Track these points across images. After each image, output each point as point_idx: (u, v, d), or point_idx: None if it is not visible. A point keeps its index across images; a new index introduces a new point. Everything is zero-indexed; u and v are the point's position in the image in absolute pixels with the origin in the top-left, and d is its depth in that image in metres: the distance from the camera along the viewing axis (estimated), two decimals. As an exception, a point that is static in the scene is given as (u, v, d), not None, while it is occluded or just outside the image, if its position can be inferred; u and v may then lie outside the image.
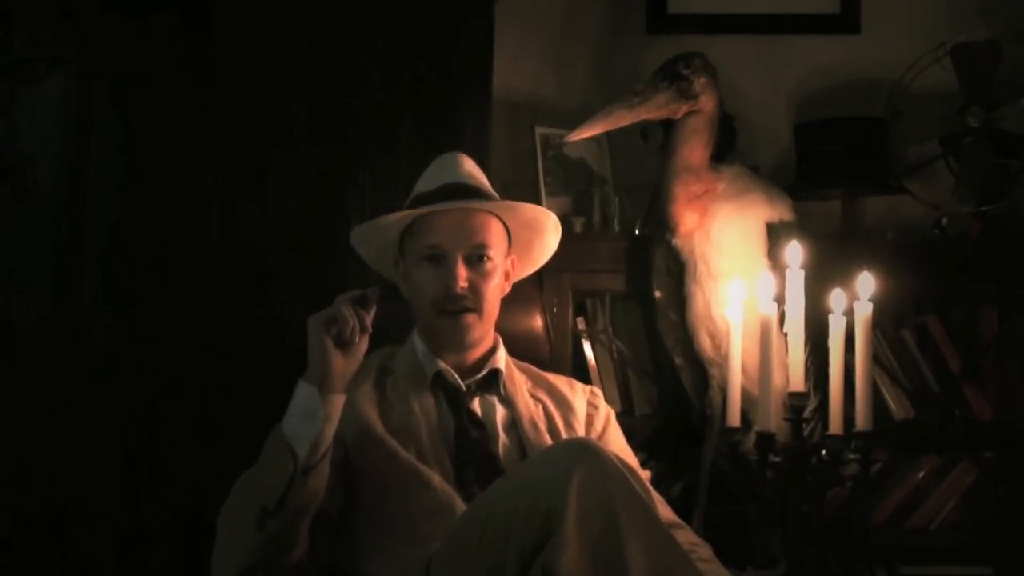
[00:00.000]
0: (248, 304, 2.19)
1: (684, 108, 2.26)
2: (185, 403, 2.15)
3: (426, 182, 1.91)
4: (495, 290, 1.87)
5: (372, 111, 2.24)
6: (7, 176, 2.18)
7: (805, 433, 2.06)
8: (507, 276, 1.92)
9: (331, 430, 1.62)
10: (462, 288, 1.81)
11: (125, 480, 2.14)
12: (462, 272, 1.82)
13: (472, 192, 1.87)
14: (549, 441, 1.83)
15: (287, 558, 1.60)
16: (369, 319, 1.65)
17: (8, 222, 2.18)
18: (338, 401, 1.63)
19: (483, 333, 1.87)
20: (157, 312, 2.17)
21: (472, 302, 1.82)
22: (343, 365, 1.63)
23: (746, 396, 2.11)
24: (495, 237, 1.87)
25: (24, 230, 2.18)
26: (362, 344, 1.65)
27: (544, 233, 1.96)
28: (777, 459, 2.03)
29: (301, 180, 2.22)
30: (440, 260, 1.83)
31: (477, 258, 1.84)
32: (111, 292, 2.18)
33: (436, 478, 1.72)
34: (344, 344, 1.63)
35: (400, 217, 1.85)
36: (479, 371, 1.87)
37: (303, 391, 1.61)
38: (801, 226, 2.27)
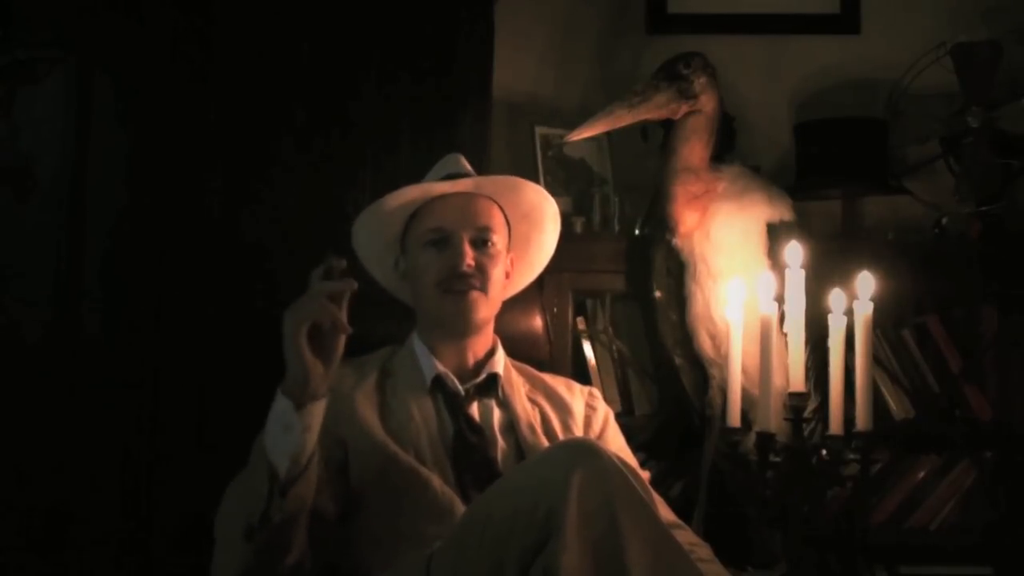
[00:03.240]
0: (248, 304, 2.19)
1: (684, 108, 2.26)
2: (185, 402, 2.15)
3: (429, 177, 1.92)
4: (499, 277, 1.87)
5: (372, 110, 2.24)
6: (7, 176, 2.18)
7: (805, 433, 2.06)
8: (507, 275, 1.92)
9: (312, 440, 1.55)
10: (469, 266, 1.82)
11: (125, 480, 2.14)
12: (468, 251, 1.82)
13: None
14: (546, 445, 1.82)
15: (283, 563, 1.59)
16: (344, 312, 1.53)
17: (8, 222, 2.18)
18: (317, 409, 1.55)
19: (487, 316, 1.87)
20: (157, 312, 2.17)
21: (478, 282, 1.82)
22: (321, 370, 1.54)
23: (746, 396, 2.11)
24: (498, 223, 1.88)
25: (24, 230, 2.18)
26: (340, 343, 1.55)
27: (542, 225, 1.96)
28: (777, 459, 2.03)
29: (301, 179, 2.22)
30: (445, 243, 1.84)
31: (482, 241, 1.85)
32: (111, 292, 2.18)
33: (436, 480, 1.72)
34: (322, 344, 1.53)
35: (407, 200, 1.85)
36: (478, 374, 1.87)
37: (280, 404, 1.54)
38: (801, 226, 2.27)
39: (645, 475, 1.76)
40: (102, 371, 2.15)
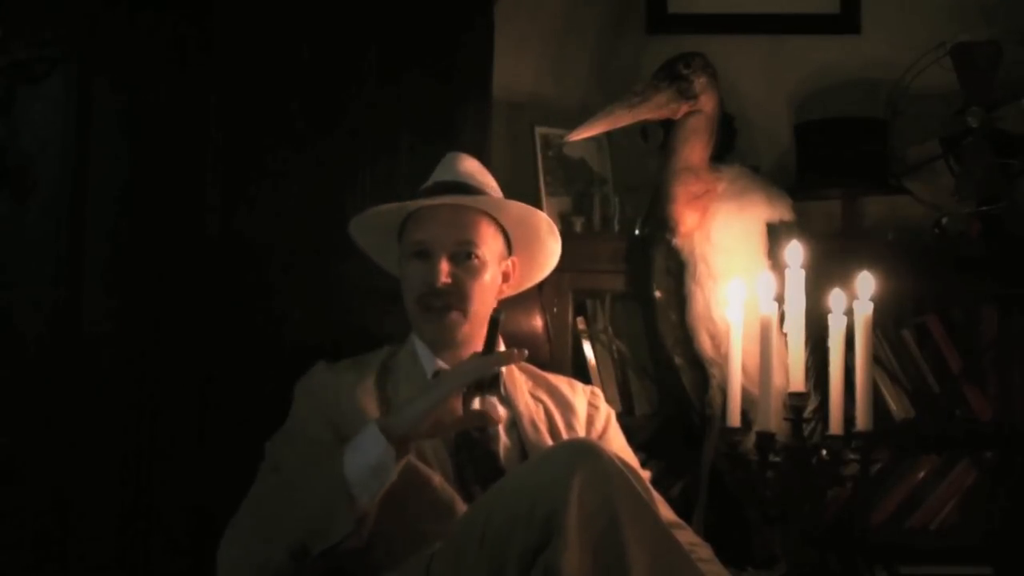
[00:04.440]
0: (247, 304, 2.19)
1: (684, 108, 2.26)
2: (184, 402, 2.15)
3: (434, 176, 1.92)
4: (483, 289, 1.85)
5: (372, 111, 2.24)
6: (7, 176, 2.18)
7: (805, 433, 2.06)
8: (506, 277, 1.92)
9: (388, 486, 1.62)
10: (444, 283, 1.81)
11: (125, 479, 2.14)
12: (444, 267, 1.81)
13: (465, 189, 1.87)
14: (549, 441, 1.82)
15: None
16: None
17: (8, 222, 2.18)
18: (404, 460, 1.62)
19: (469, 332, 1.85)
20: (157, 312, 2.17)
21: (455, 299, 1.81)
22: (431, 430, 1.61)
23: (746, 396, 2.11)
24: (484, 236, 1.86)
25: (24, 230, 2.18)
26: (456, 424, 1.63)
27: (538, 234, 1.95)
28: (777, 459, 2.03)
29: (301, 180, 2.22)
30: (426, 256, 1.83)
31: (464, 255, 1.84)
32: (111, 292, 2.18)
33: (437, 477, 1.73)
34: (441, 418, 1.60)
35: (390, 209, 1.86)
36: (479, 371, 1.87)
37: (380, 447, 1.58)
38: (801, 226, 2.27)
39: (645, 475, 1.77)
40: (102, 370, 2.15)
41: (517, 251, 1.94)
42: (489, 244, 1.87)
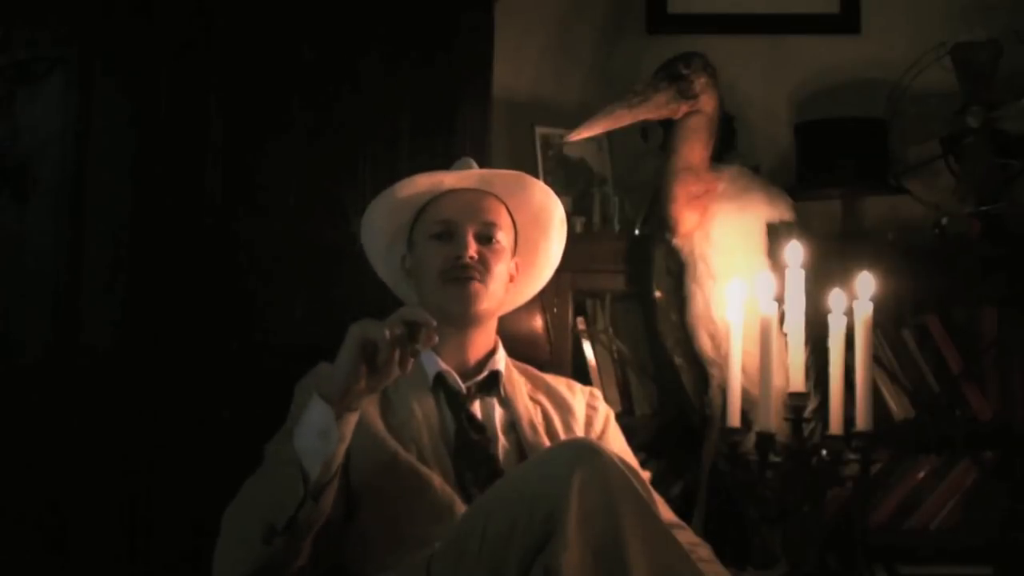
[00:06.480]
0: (248, 304, 2.19)
1: (684, 108, 2.26)
2: (185, 405, 2.15)
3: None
4: (501, 275, 1.87)
5: (372, 110, 2.24)
6: (7, 176, 2.18)
7: (805, 433, 2.06)
8: (511, 278, 1.92)
9: (343, 450, 1.58)
10: (472, 258, 1.83)
11: (125, 486, 2.13)
12: (472, 243, 1.84)
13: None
14: (548, 443, 1.83)
15: (292, 567, 1.60)
16: (410, 353, 1.54)
17: (8, 222, 2.18)
18: (352, 419, 1.58)
19: (488, 309, 1.87)
20: (157, 312, 2.17)
21: (480, 274, 1.83)
22: (364, 387, 1.55)
23: (746, 396, 2.11)
24: (504, 222, 1.90)
25: (24, 230, 2.18)
26: (392, 371, 1.55)
27: (549, 231, 1.97)
28: (777, 459, 2.03)
29: (301, 180, 2.22)
30: (450, 236, 1.85)
31: (486, 237, 1.86)
32: (111, 292, 2.18)
33: (436, 479, 1.73)
34: (375, 366, 1.54)
35: (416, 190, 1.87)
36: (479, 373, 1.87)
37: (319, 408, 1.54)
38: (801, 226, 2.27)
39: (645, 475, 1.76)
40: (102, 369, 2.15)
41: (520, 252, 1.95)
42: (506, 232, 1.90)
